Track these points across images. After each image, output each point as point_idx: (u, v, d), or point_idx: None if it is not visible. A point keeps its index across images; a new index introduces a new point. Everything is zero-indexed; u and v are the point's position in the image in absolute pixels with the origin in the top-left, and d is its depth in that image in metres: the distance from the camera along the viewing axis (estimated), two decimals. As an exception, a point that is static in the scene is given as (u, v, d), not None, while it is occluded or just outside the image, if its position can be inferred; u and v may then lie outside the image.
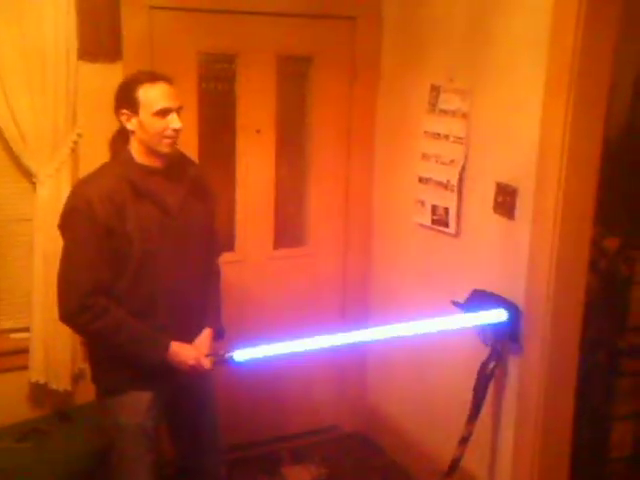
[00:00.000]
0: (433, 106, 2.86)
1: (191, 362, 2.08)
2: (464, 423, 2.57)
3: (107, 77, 2.59)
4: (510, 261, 2.57)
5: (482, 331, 2.63)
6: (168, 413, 2.25)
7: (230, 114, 3.01)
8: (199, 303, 2.20)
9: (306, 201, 3.27)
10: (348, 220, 3.31)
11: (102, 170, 2.10)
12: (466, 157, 2.72)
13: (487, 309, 2.60)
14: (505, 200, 2.57)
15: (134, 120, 2.04)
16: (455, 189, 2.77)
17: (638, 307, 3.08)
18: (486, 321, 2.47)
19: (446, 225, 2.84)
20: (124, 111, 2.05)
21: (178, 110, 2.06)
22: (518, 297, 2.52)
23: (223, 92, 3.02)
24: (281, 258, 3.22)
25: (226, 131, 3.03)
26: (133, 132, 2.06)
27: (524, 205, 2.49)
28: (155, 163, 2.08)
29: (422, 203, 2.95)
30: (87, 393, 2.67)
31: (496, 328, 2.56)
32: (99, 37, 2.64)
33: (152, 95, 2.02)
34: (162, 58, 2.76)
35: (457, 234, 2.80)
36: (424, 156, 2.93)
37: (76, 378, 2.79)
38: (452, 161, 2.78)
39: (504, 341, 2.54)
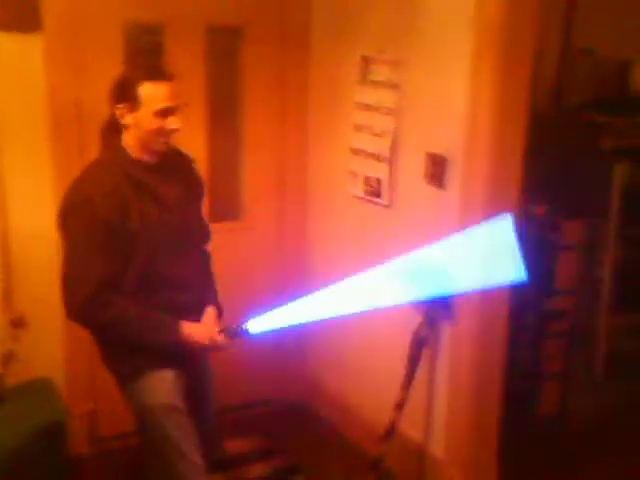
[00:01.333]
0: (364, 77, 2.86)
1: (206, 341, 2.08)
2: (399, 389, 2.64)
3: (26, 48, 2.50)
4: (441, 229, 2.61)
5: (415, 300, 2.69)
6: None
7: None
8: (199, 290, 2.22)
9: (241, 175, 3.25)
10: (284, 193, 3.30)
11: (99, 166, 2.05)
12: (397, 128, 2.74)
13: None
14: (435, 170, 2.61)
15: (131, 116, 1.99)
16: (387, 160, 2.80)
17: (564, 271, 3.21)
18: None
19: (379, 196, 2.87)
20: (121, 106, 1.99)
21: (178, 109, 2.02)
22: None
23: (151, 64, 2.95)
24: (217, 232, 3.15)
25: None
26: (127, 127, 2.02)
27: (454, 174, 2.54)
28: (149, 158, 2.06)
29: (355, 174, 2.97)
30: (18, 374, 2.62)
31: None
32: (14, 4, 2.51)
33: (155, 94, 1.97)
34: (86, 29, 2.68)
35: (390, 205, 2.84)
36: (356, 127, 2.94)
37: (5, 360, 2.72)
38: (383, 132, 2.80)
39: (436, 308, 2.61)
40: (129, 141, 2.03)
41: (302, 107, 3.21)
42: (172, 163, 2.13)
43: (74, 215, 1.97)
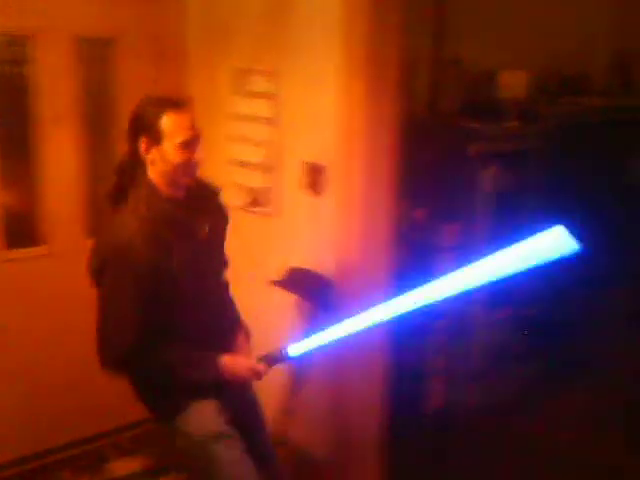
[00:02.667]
0: (241, 88, 2.88)
1: (246, 372, 2.01)
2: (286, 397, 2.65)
3: None
4: (321, 236, 2.67)
5: (299, 305, 2.72)
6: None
7: (26, 101, 2.82)
8: (227, 315, 2.17)
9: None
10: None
11: (133, 207, 1.91)
12: (276, 138, 2.77)
13: (304, 285, 2.70)
14: (314, 178, 2.66)
15: (154, 150, 1.88)
16: (268, 170, 2.82)
17: (444, 272, 3.34)
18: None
19: (262, 206, 2.89)
20: (143, 140, 1.88)
21: (200, 138, 1.94)
22: (330, 271, 2.62)
23: (18, 76, 2.82)
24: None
25: (23, 119, 2.83)
26: (152, 162, 1.90)
27: (332, 182, 2.60)
28: (177, 194, 1.95)
29: (237, 185, 2.98)
30: None
31: (315, 301, 2.66)
32: None
33: (178, 124, 1.87)
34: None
35: (273, 214, 2.86)
36: (236, 138, 2.94)
37: None
38: (262, 142, 2.82)
39: (319, 313, 2.64)
40: (156, 178, 1.92)
41: (181, 119, 3.17)
42: (199, 197, 2.03)
43: (114, 263, 1.87)
